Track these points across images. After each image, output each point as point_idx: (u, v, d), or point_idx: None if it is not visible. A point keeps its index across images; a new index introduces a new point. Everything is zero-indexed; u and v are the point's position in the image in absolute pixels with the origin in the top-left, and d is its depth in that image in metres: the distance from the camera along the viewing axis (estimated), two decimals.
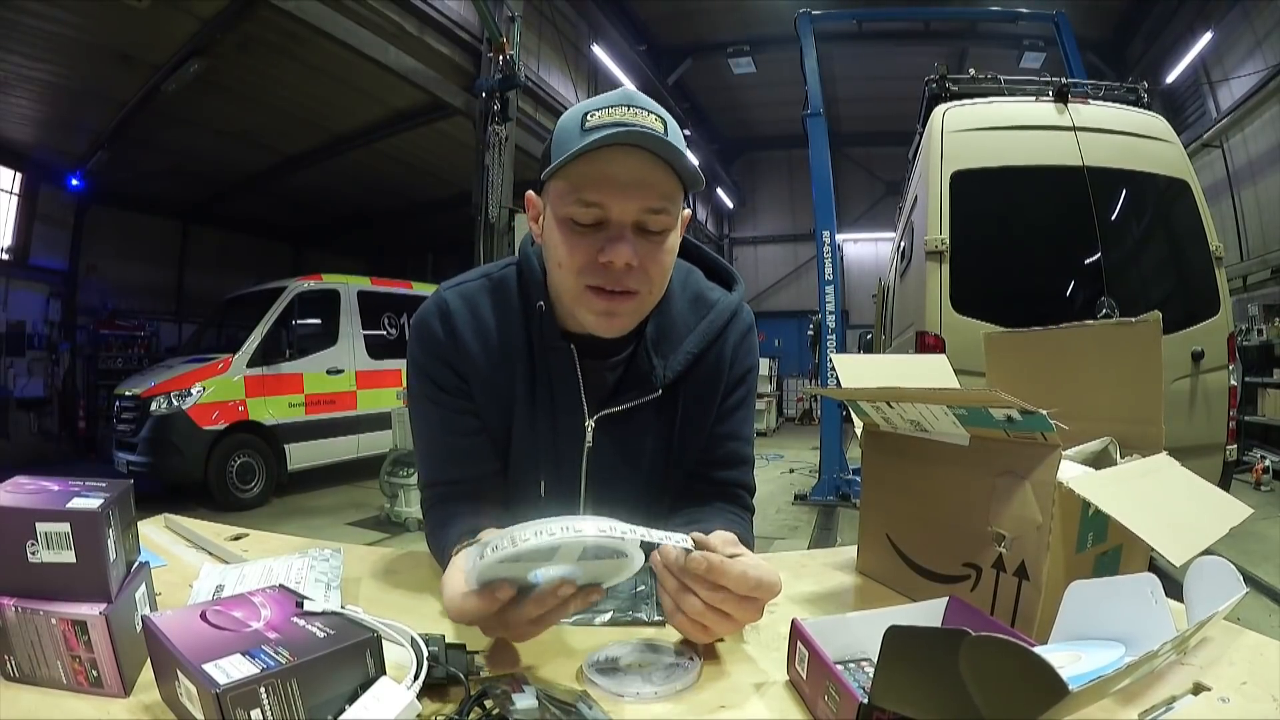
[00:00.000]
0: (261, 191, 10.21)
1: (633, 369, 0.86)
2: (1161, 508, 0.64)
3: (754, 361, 0.95)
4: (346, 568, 0.81)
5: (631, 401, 0.86)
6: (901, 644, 0.43)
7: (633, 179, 0.73)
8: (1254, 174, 8.46)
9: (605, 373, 0.86)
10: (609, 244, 0.73)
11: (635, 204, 0.73)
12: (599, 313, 0.77)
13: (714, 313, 0.90)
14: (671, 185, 0.76)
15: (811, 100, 6.41)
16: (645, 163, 0.73)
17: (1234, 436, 3.50)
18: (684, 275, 0.91)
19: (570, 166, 0.73)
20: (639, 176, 0.73)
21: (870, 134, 14.45)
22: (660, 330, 0.86)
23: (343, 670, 0.49)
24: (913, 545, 0.77)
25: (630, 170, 0.73)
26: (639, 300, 0.78)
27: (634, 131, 0.71)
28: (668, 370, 0.86)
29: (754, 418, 0.97)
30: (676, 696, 0.56)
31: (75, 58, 6.50)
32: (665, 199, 0.75)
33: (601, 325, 0.78)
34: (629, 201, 0.73)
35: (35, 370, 8.93)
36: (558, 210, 0.76)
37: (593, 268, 0.75)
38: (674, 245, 0.79)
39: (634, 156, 0.73)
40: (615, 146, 0.72)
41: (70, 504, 0.53)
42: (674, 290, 0.88)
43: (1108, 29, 10.79)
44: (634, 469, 0.89)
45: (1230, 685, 0.53)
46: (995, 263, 3.60)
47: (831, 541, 4.75)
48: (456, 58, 7.70)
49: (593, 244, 0.74)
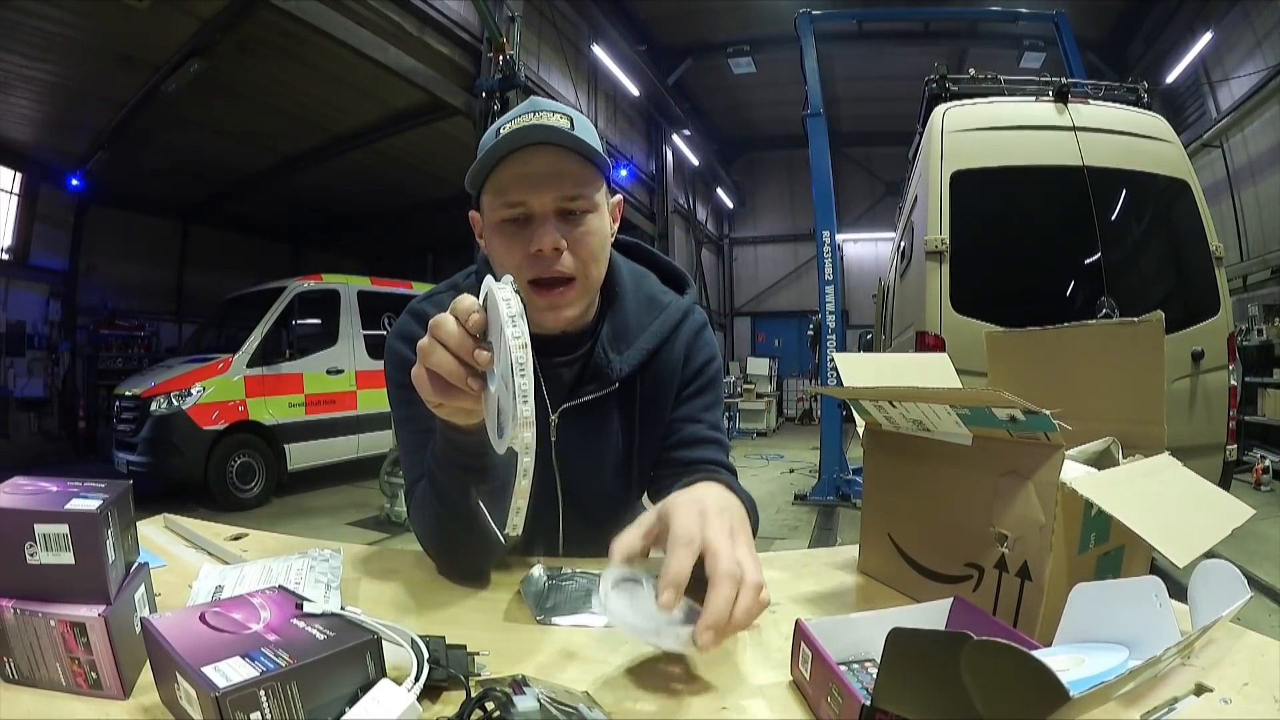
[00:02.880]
0: (261, 191, 10.22)
1: (591, 365, 0.92)
2: (1164, 508, 0.64)
3: (710, 354, 0.99)
4: (346, 568, 0.81)
5: (591, 394, 0.92)
6: (904, 646, 0.42)
7: (545, 172, 0.80)
8: (1254, 174, 8.46)
9: (563, 369, 0.92)
10: (535, 233, 0.80)
11: (551, 194, 0.80)
12: (544, 308, 0.83)
13: (666, 313, 0.96)
14: (585, 172, 0.82)
15: (811, 100, 6.41)
16: (555, 155, 0.80)
17: (1234, 436, 3.50)
18: (638, 279, 0.98)
19: (492, 176, 0.81)
20: (551, 169, 0.80)
21: (870, 134, 14.45)
22: (615, 329, 0.93)
23: (342, 672, 0.49)
24: (915, 545, 0.77)
25: (541, 165, 0.80)
26: (578, 287, 0.84)
27: (535, 128, 0.79)
28: (623, 364, 0.91)
29: (719, 405, 1.01)
30: (677, 697, 0.56)
31: (75, 58, 6.50)
32: (580, 185, 0.82)
33: (550, 319, 0.84)
34: (545, 193, 0.80)
35: (35, 370, 8.94)
36: (490, 217, 0.83)
37: (529, 261, 0.81)
38: (599, 227, 0.85)
39: (544, 152, 0.80)
40: (526, 147, 0.79)
41: (69, 505, 0.53)
42: (628, 292, 0.95)
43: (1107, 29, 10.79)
44: (600, 459, 0.95)
45: (1232, 686, 0.53)
46: (995, 263, 3.60)
47: (832, 541, 4.75)
48: (456, 58, 7.70)
49: (525, 239, 0.81)
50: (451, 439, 0.70)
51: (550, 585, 0.76)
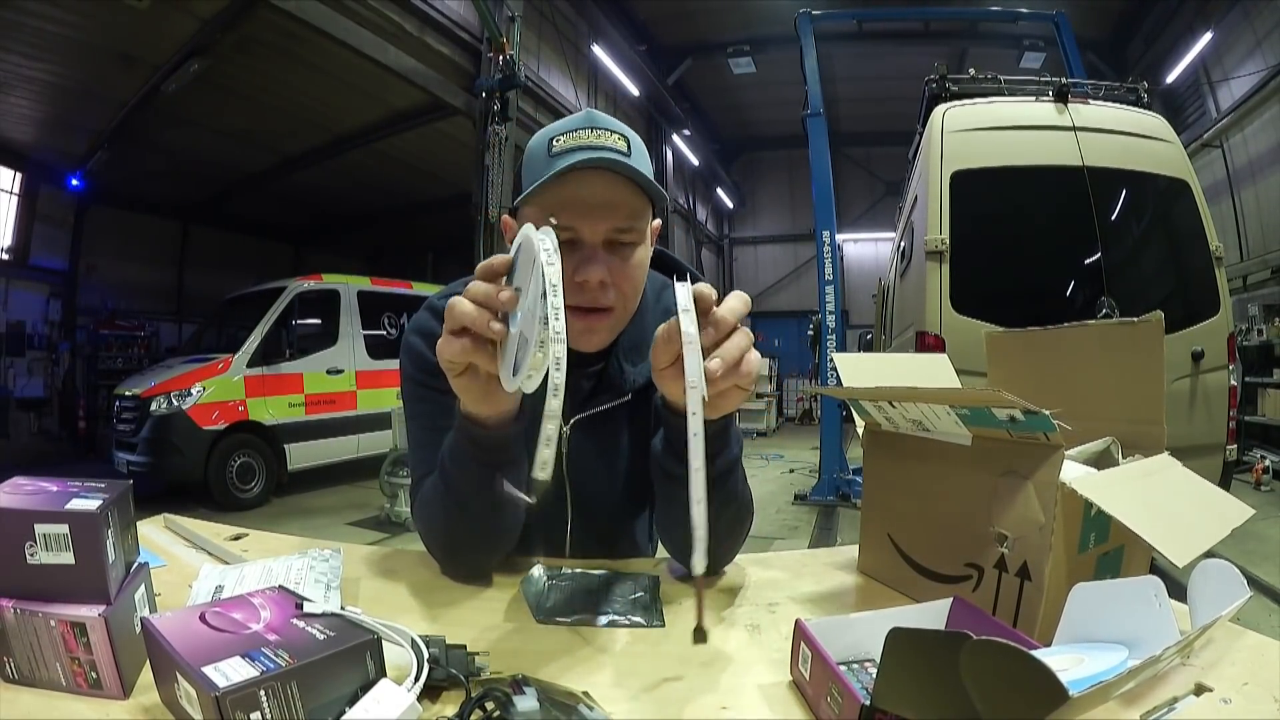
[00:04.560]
0: (261, 191, 10.22)
1: (606, 376, 0.91)
2: (1164, 508, 0.64)
3: None
4: (346, 568, 0.81)
5: (604, 405, 0.91)
6: (904, 646, 0.42)
7: (600, 201, 0.77)
8: (1254, 174, 8.46)
9: (581, 381, 0.91)
10: (583, 264, 0.78)
11: (604, 224, 0.78)
12: (579, 331, 0.82)
13: None
14: (638, 202, 0.80)
15: (811, 100, 6.41)
16: (611, 183, 0.78)
17: (1234, 436, 3.50)
18: (659, 289, 0.96)
19: (541, 192, 0.77)
20: (606, 198, 0.78)
21: (870, 134, 14.45)
22: (632, 341, 0.91)
23: (343, 672, 0.49)
24: (914, 545, 0.77)
25: (597, 192, 0.77)
26: (614, 316, 0.83)
27: (598, 157, 0.76)
28: (637, 375, 0.91)
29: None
30: (677, 697, 0.56)
31: (75, 58, 6.50)
32: (632, 217, 0.80)
33: (581, 341, 0.83)
34: (598, 223, 0.78)
35: (35, 370, 8.94)
36: None
37: (569, 287, 0.78)
38: (643, 259, 0.84)
39: (600, 178, 0.77)
40: (582, 170, 0.76)
41: (69, 505, 0.53)
42: (647, 303, 0.93)
43: (1107, 29, 10.79)
44: (612, 470, 0.93)
45: (1232, 686, 0.53)
46: (995, 263, 3.60)
47: (831, 541, 4.75)
48: (456, 58, 7.70)
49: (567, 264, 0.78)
50: (470, 432, 0.70)
51: (550, 585, 0.76)
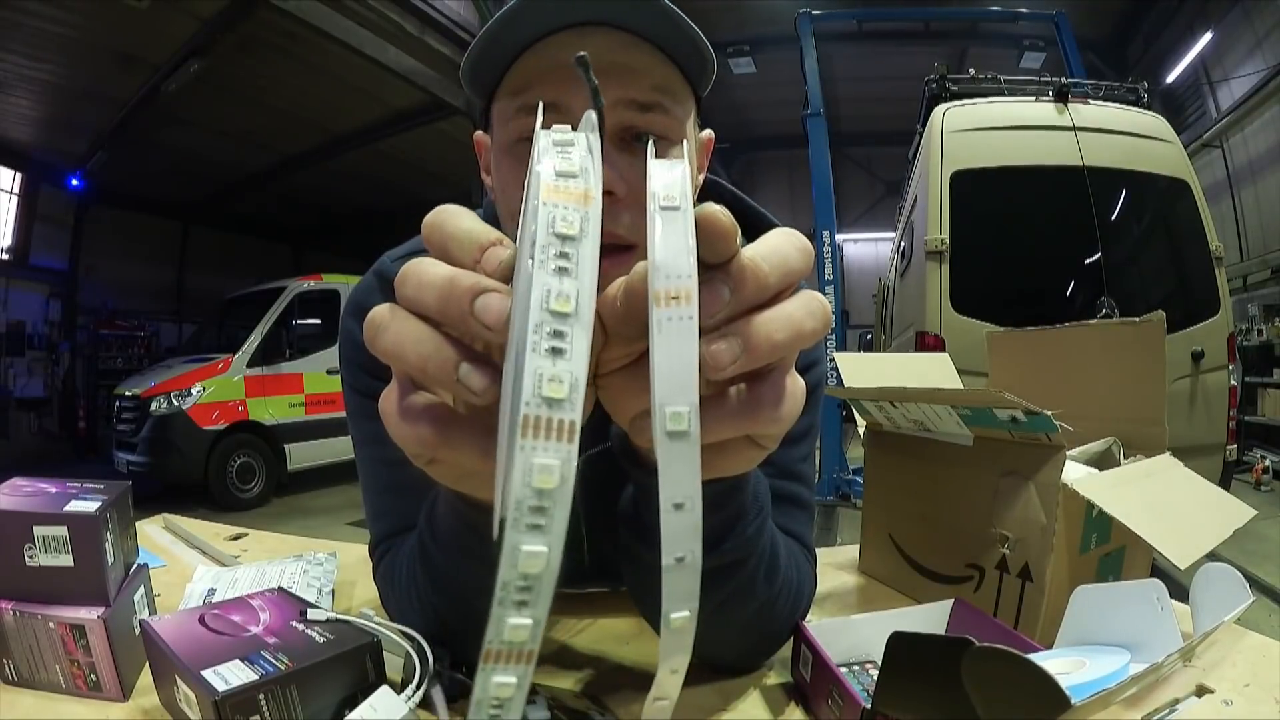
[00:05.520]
0: (261, 191, 10.21)
1: None
2: (1165, 509, 0.64)
3: (815, 356, 0.66)
4: (344, 570, 0.81)
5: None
6: (905, 650, 0.42)
7: (603, 62, 0.42)
8: (1254, 174, 8.45)
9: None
10: None
11: (611, 95, 0.46)
12: None
13: None
14: (665, 73, 0.50)
15: (811, 100, 6.40)
16: (618, 41, 0.47)
17: (1234, 436, 3.50)
18: None
19: (511, 71, 0.48)
20: (612, 58, 0.46)
21: (870, 134, 14.43)
22: None
23: (342, 676, 0.49)
24: (915, 545, 0.77)
25: (597, 51, 0.37)
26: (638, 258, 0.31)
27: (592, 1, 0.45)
28: None
29: (806, 439, 0.65)
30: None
31: (75, 58, 6.50)
32: (658, 91, 0.49)
33: None
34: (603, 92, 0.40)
35: (35, 370, 8.93)
36: (501, 136, 0.51)
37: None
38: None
39: (599, 35, 0.47)
40: (571, 29, 0.46)
41: (68, 507, 0.53)
42: None
43: (1107, 29, 10.78)
44: None
45: (1233, 688, 0.53)
46: (995, 263, 3.60)
47: (831, 541, 4.74)
48: (457, 58, 7.69)
49: None
50: (468, 519, 0.41)
51: None
